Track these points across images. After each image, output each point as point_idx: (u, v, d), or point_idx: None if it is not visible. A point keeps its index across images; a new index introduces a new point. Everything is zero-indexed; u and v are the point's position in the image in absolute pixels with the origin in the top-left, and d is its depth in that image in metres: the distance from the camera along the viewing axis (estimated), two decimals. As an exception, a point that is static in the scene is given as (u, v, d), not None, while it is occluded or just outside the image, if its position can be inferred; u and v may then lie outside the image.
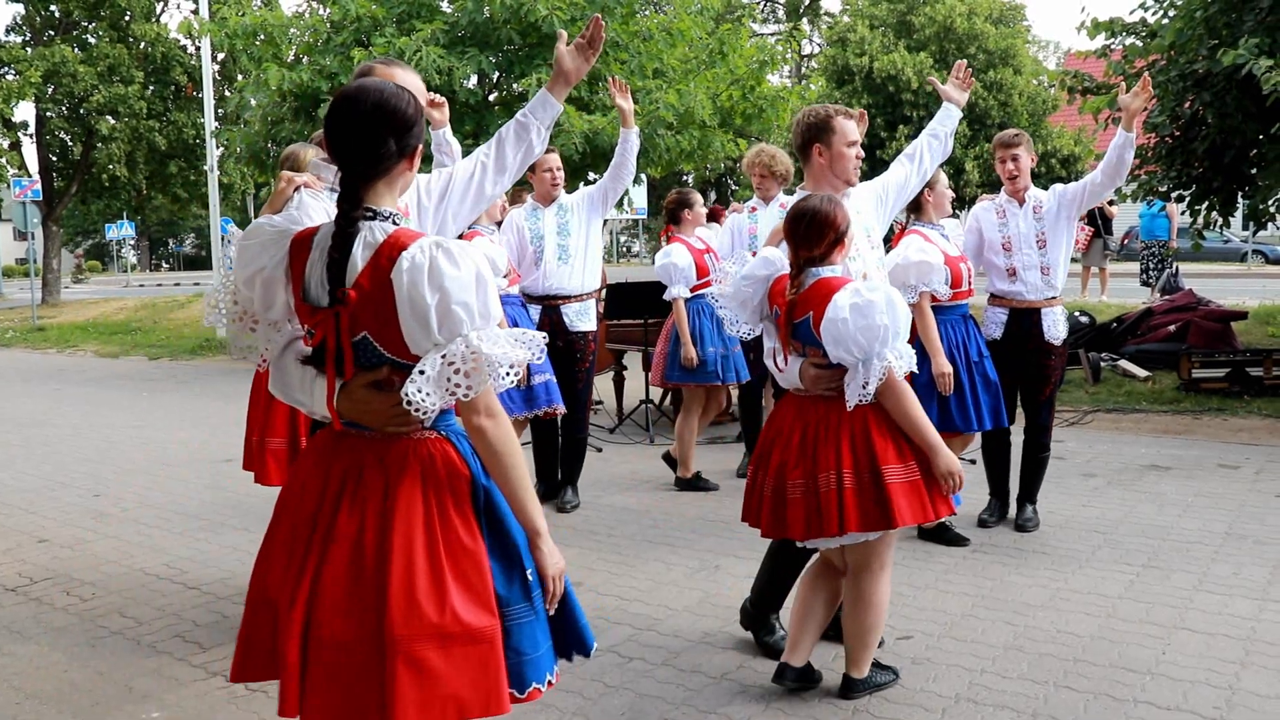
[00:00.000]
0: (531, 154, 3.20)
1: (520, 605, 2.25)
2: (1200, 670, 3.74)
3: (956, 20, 27.91)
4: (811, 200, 3.40)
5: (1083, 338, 10.56)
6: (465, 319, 2.09)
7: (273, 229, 2.35)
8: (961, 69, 4.43)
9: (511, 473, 2.22)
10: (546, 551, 2.27)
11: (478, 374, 2.11)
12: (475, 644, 2.15)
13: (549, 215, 6.00)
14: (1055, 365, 5.50)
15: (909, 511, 3.25)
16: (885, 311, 3.17)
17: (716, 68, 13.06)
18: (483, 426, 2.18)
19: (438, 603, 2.13)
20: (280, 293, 2.31)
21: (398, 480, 2.20)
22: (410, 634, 2.10)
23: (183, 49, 26.82)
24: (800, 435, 3.39)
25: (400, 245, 2.12)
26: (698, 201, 6.81)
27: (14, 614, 4.63)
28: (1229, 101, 8.49)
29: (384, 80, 2.30)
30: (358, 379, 2.21)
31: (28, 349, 17.61)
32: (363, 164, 2.20)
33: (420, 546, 2.15)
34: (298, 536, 2.25)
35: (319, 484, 2.27)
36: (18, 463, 7.93)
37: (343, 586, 2.15)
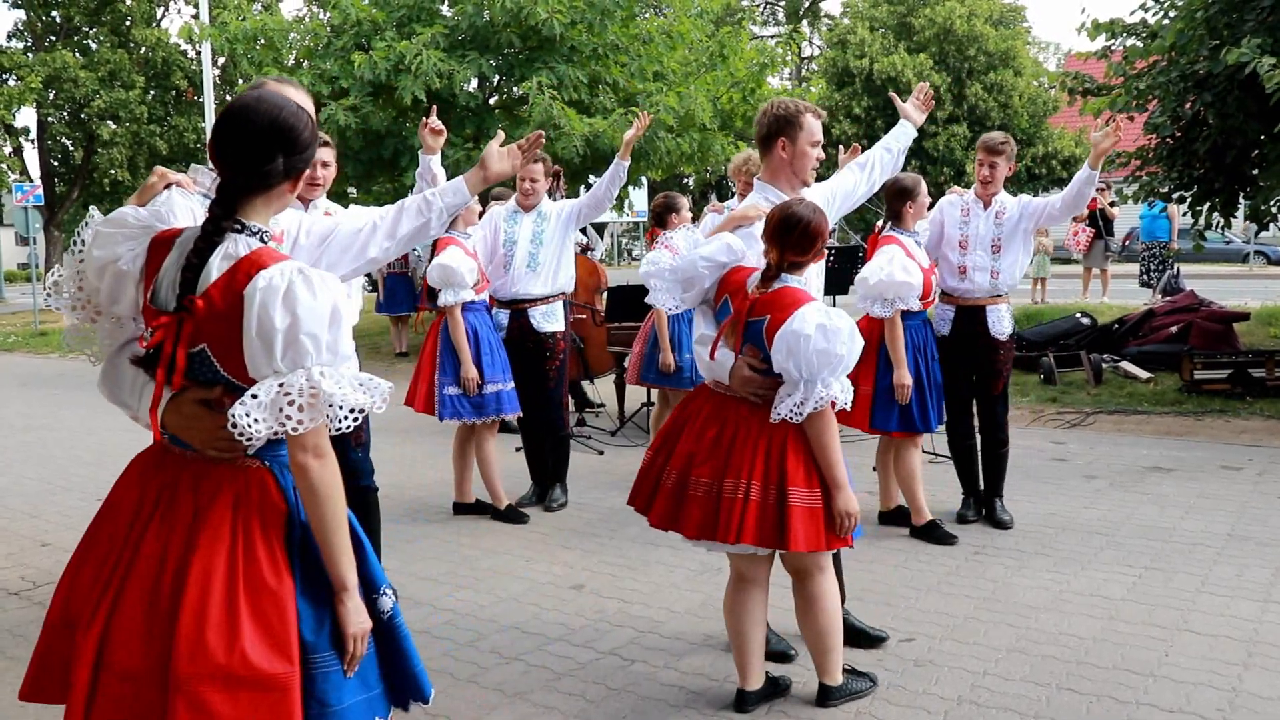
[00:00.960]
0: (425, 233, 3.06)
1: (327, 654, 2.12)
2: (1203, 672, 3.74)
3: (956, 22, 27.94)
4: (801, 207, 3.35)
5: (1084, 339, 10.56)
6: (311, 351, 2.01)
7: (137, 222, 2.25)
8: (923, 90, 4.46)
9: (329, 518, 2.09)
10: (351, 609, 2.14)
11: (313, 409, 2.01)
12: (265, 691, 2.01)
13: (526, 221, 6.00)
14: (1004, 360, 5.63)
15: (804, 537, 3.22)
16: (846, 342, 3.16)
17: (717, 70, 13.07)
18: (307, 465, 2.06)
19: (226, 642, 2.00)
20: (129, 288, 2.23)
21: (208, 506, 2.09)
22: (194, 672, 1.97)
23: (183, 54, 26.89)
24: (716, 432, 3.35)
25: (260, 264, 2.04)
26: (684, 205, 6.83)
27: (17, 618, 4.63)
28: (1230, 102, 8.48)
29: (284, 97, 2.22)
30: (190, 392, 2.11)
31: (29, 353, 17.61)
32: (246, 175, 2.12)
33: (219, 580, 2.03)
34: (109, 554, 2.14)
35: (134, 500, 2.17)
36: (19, 467, 7.93)
37: (139, 613, 2.04)
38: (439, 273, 5.58)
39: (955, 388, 5.65)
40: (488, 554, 5.39)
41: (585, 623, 4.39)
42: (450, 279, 5.57)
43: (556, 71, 11.48)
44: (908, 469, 5.42)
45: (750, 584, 3.51)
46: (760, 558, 3.46)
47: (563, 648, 4.12)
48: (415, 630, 4.34)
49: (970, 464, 5.79)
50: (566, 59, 11.71)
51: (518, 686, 3.78)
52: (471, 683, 3.82)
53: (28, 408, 11.22)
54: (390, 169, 12.49)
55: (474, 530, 5.82)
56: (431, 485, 6.78)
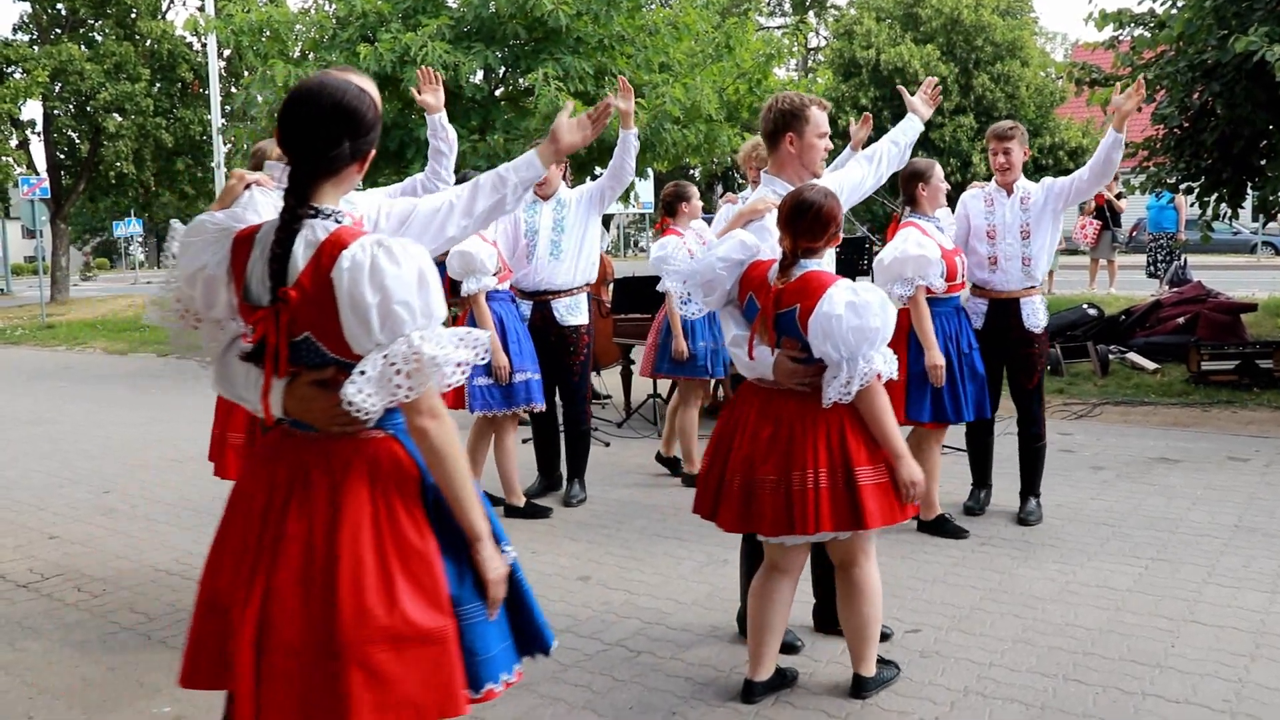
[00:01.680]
0: (501, 209, 3.09)
1: (473, 605, 2.22)
2: (1210, 663, 3.74)
3: (963, 12, 27.86)
4: (812, 193, 3.35)
5: (1091, 330, 10.54)
6: (407, 318, 2.06)
7: (214, 226, 2.31)
8: (931, 85, 4.44)
9: (454, 474, 2.17)
10: (486, 556, 2.23)
11: (419, 374, 2.07)
12: (428, 645, 2.11)
13: (546, 210, 5.96)
14: (1039, 353, 5.54)
15: (879, 513, 3.23)
16: (878, 314, 3.16)
17: (723, 61, 13.03)
18: (425, 427, 2.14)
19: (387, 605, 2.09)
20: (222, 291, 2.29)
21: (344, 481, 2.16)
22: (361, 638, 2.07)
23: (189, 46, 26.85)
24: (771, 430, 3.34)
25: (341, 244, 2.09)
26: (694, 194, 6.79)
27: (26, 610, 4.66)
28: (1238, 92, 8.45)
29: (346, 80, 2.26)
30: (303, 377, 2.17)
31: (37, 346, 17.66)
32: (314, 161, 2.17)
33: (369, 548, 2.12)
34: (248, 539, 2.21)
35: (266, 485, 2.24)
36: (27, 460, 7.96)
37: (294, 590, 2.11)
38: (459, 260, 5.48)
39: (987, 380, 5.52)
40: (494, 545, 5.38)
41: (592, 614, 4.40)
42: (470, 265, 5.47)
43: (562, 63, 11.46)
44: (928, 464, 5.32)
45: (783, 574, 3.52)
46: (797, 548, 3.47)
47: (569, 639, 4.13)
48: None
49: (985, 457, 5.72)
50: (572, 50, 11.69)
51: (524, 677, 3.78)
52: (478, 674, 3.82)
53: (35, 401, 11.25)
54: (396, 161, 12.48)
55: (480, 522, 5.82)
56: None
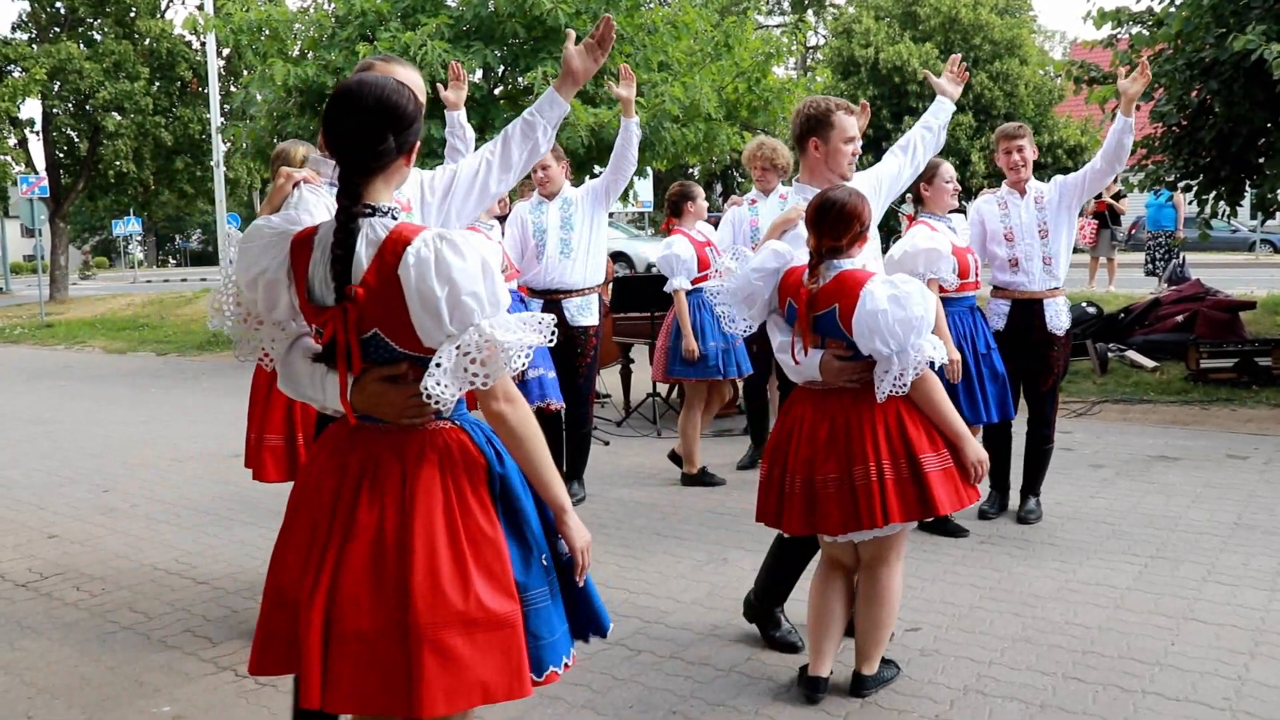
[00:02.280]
0: (537, 152, 3.19)
1: (537, 590, 2.27)
2: (1209, 661, 3.74)
3: (962, 10, 27.85)
4: (838, 192, 3.36)
5: (1090, 328, 10.54)
6: (476, 308, 2.11)
7: (272, 230, 2.35)
8: (956, 63, 4.41)
9: (535, 454, 2.24)
10: (573, 526, 2.31)
11: (493, 361, 2.13)
12: (499, 629, 2.17)
13: (552, 209, 5.98)
14: (1058, 356, 5.50)
15: (947, 499, 3.25)
16: (920, 302, 3.17)
17: (722, 60, 13.02)
18: (502, 412, 2.21)
19: (462, 590, 2.15)
20: (283, 294, 2.33)
21: (416, 470, 2.21)
22: (436, 621, 2.12)
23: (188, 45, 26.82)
24: (828, 429, 3.35)
25: (404, 240, 2.13)
26: (699, 194, 6.79)
27: (25, 609, 4.65)
28: (1236, 90, 8.46)
29: (385, 76, 2.30)
30: (372, 373, 2.22)
31: (36, 345, 17.66)
32: (362, 159, 2.21)
33: (442, 535, 2.17)
34: (316, 531, 2.26)
35: (335, 478, 2.27)
36: (27, 459, 7.96)
37: (364, 579, 2.16)
38: None
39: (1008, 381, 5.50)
40: (494, 544, 5.39)
41: (591, 613, 4.39)
42: None
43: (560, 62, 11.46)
44: None
45: (842, 570, 3.56)
46: (851, 544, 3.48)
47: (569, 638, 4.12)
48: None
49: (1004, 459, 5.64)
50: (570, 49, 11.68)
51: (524, 676, 3.78)
52: (478, 673, 3.82)
53: (34, 400, 11.25)
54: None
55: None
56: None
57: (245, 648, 4.07)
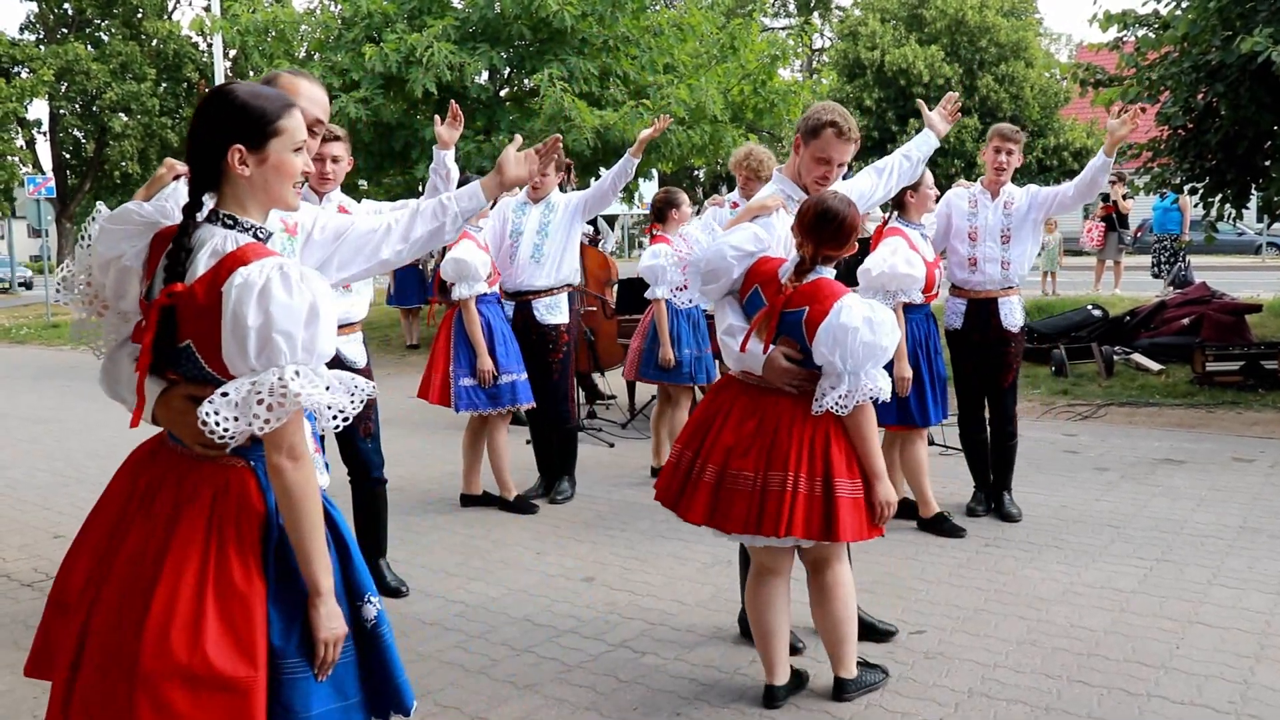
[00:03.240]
0: (440, 237, 3.01)
1: (296, 660, 2.10)
2: (1214, 664, 3.73)
3: (968, 13, 27.86)
4: (836, 202, 3.33)
5: (1096, 331, 10.53)
6: (285, 350, 1.99)
7: (140, 219, 2.24)
8: (951, 100, 4.42)
9: (303, 521, 2.07)
10: (325, 614, 2.11)
11: (281, 409, 1.99)
12: (226, 693, 2.00)
13: (534, 213, 6.02)
14: (1014, 353, 5.60)
15: (851, 528, 3.21)
16: (890, 334, 3.17)
17: (727, 62, 13.05)
18: (281, 466, 2.05)
19: (189, 642, 1.99)
20: (134, 284, 2.24)
21: (187, 504, 2.08)
22: (157, 669, 1.97)
23: (195, 46, 26.94)
24: (755, 424, 3.32)
25: (242, 259, 2.02)
26: (684, 201, 6.85)
27: (31, 609, 4.66)
28: (1242, 93, 8.44)
29: (240, 83, 2.21)
30: (180, 388, 2.12)
31: (42, 345, 17.69)
32: (194, 165, 2.15)
33: (189, 579, 2.02)
34: (99, 544, 2.17)
35: (125, 493, 2.19)
36: (32, 459, 7.97)
37: (115, 606, 2.05)
38: (454, 267, 5.62)
39: (966, 380, 5.64)
40: (499, 546, 5.40)
41: (596, 615, 4.40)
42: (464, 272, 5.62)
43: (567, 64, 11.48)
44: (914, 462, 5.41)
45: (774, 575, 3.49)
46: (783, 549, 3.44)
47: (573, 640, 4.13)
48: (426, 622, 4.37)
49: (981, 457, 5.78)
50: (577, 51, 11.71)
51: (529, 678, 3.79)
52: (483, 674, 3.83)
53: (41, 400, 11.28)
54: (401, 161, 12.51)
55: (485, 522, 5.84)
56: (442, 477, 6.80)
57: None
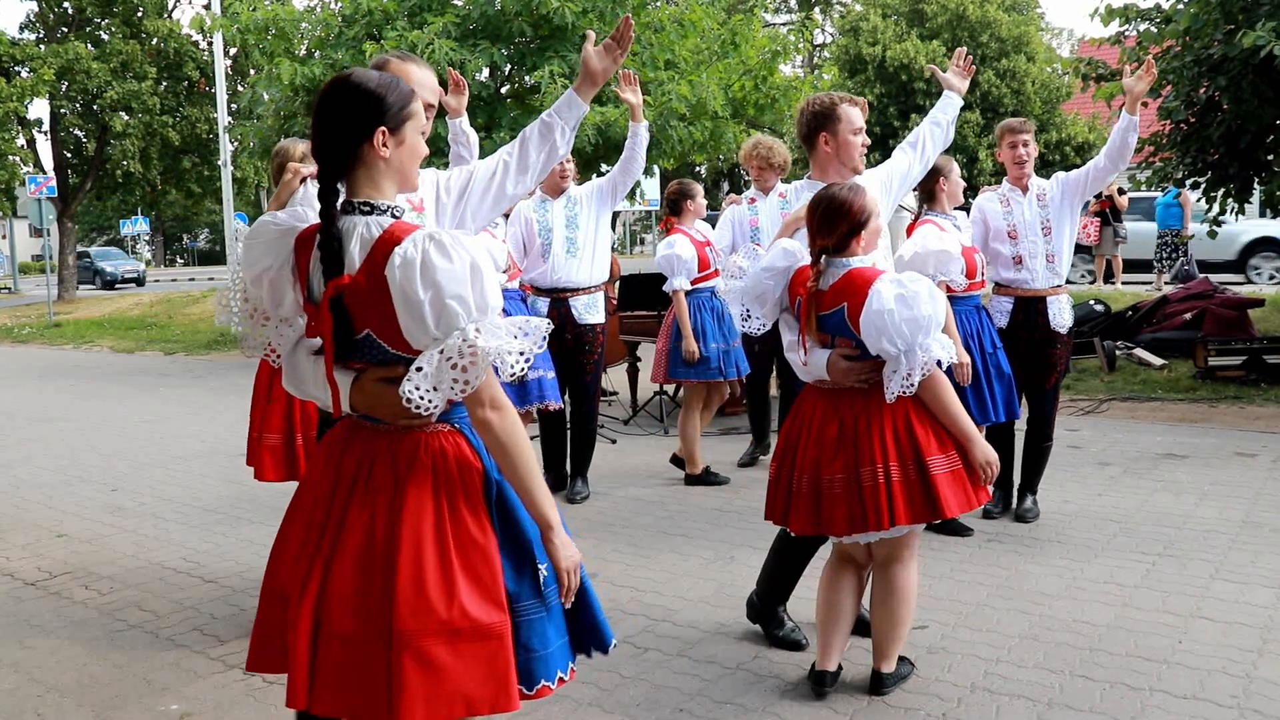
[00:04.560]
0: (555, 155, 3.13)
1: (530, 601, 2.22)
2: (1217, 659, 3.73)
3: (969, 8, 27.80)
4: (831, 188, 3.34)
5: (1098, 326, 10.52)
6: (460, 312, 2.05)
7: (276, 227, 2.32)
8: (962, 56, 4.39)
9: (520, 465, 2.17)
10: (560, 544, 2.22)
11: (475, 368, 2.06)
12: (484, 640, 2.12)
13: (557, 207, 5.98)
14: (1061, 354, 5.49)
15: (954, 501, 3.22)
16: (929, 302, 3.14)
17: (728, 58, 13.02)
18: (488, 419, 2.14)
19: (446, 598, 2.10)
20: (288, 290, 2.31)
21: (408, 474, 2.18)
22: (418, 629, 2.08)
23: (195, 44, 26.90)
24: (837, 429, 3.33)
25: (394, 240, 2.08)
26: (698, 192, 6.74)
27: (34, 608, 4.67)
28: (1245, 86, 8.43)
29: (362, 70, 2.25)
30: (370, 373, 2.19)
31: (44, 345, 17.71)
32: (326, 152, 2.18)
33: (429, 541, 2.13)
34: (311, 528, 2.24)
35: (332, 476, 2.26)
36: (35, 458, 7.98)
37: (352, 580, 2.14)
38: None
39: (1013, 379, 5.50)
40: (501, 543, 5.39)
41: (598, 611, 4.40)
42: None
43: (568, 60, 11.46)
44: None
45: (855, 565, 3.56)
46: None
47: (576, 636, 4.13)
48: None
49: (1009, 457, 5.60)
50: (578, 48, 11.66)
51: (531, 674, 3.78)
52: (485, 671, 3.83)
53: (43, 399, 11.29)
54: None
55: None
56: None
57: (253, 646, 4.08)
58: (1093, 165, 5.36)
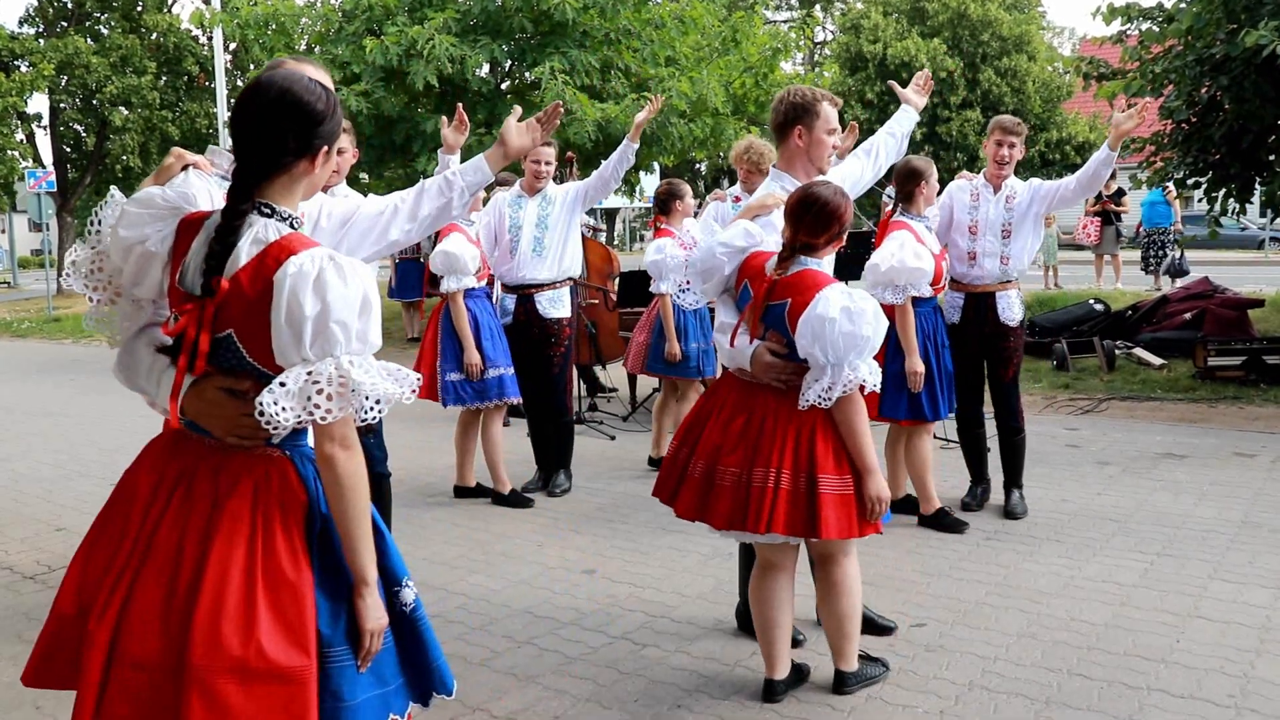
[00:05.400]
0: (447, 214, 3.04)
1: (342, 648, 2.09)
2: (1214, 658, 3.73)
3: (970, 6, 27.82)
4: (824, 189, 3.31)
5: (1098, 325, 10.53)
6: (341, 339, 1.97)
7: (165, 203, 2.21)
8: (924, 77, 4.46)
9: (351, 509, 2.05)
10: (370, 605, 2.10)
11: (342, 399, 1.97)
12: (280, 683, 1.98)
13: (531, 206, 6.01)
14: (1014, 346, 5.58)
15: (835, 525, 3.17)
16: (872, 323, 3.12)
17: (729, 55, 13.04)
18: (334, 456, 2.02)
19: (243, 634, 1.97)
20: (155, 270, 2.20)
21: (228, 495, 2.05)
22: (209, 664, 1.94)
23: (195, 39, 26.89)
24: (743, 421, 3.31)
25: (290, 249, 2.00)
26: (687, 193, 6.83)
27: (33, 601, 4.67)
28: (1246, 86, 8.43)
29: (297, 72, 2.18)
30: (214, 379, 2.08)
31: (43, 339, 17.70)
32: (258, 157, 2.08)
33: (237, 571, 2.00)
34: (122, 539, 2.12)
35: (150, 486, 2.14)
36: (34, 452, 7.98)
37: (154, 602, 2.01)
38: (442, 260, 5.63)
39: (966, 375, 5.60)
40: (499, 538, 5.40)
41: (596, 607, 4.41)
42: (454, 266, 5.62)
43: (569, 56, 11.46)
44: (920, 457, 5.39)
45: (778, 570, 3.48)
46: (788, 545, 3.43)
47: (574, 632, 4.13)
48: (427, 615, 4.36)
49: (979, 452, 5.75)
50: (579, 44, 11.70)
51: (529, 670, 3.79)
52: (484, 666, 3.84)
53: (42, 393, 11.28)
54: (402, 154, 12.50)
55: (485, 515, 5.84)
56: (441, 470, 6.80)
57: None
58: (1063, 185, 5.45)
